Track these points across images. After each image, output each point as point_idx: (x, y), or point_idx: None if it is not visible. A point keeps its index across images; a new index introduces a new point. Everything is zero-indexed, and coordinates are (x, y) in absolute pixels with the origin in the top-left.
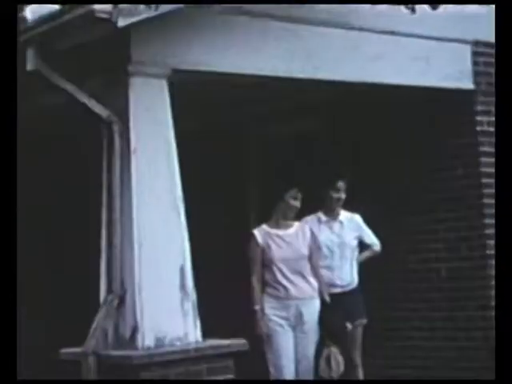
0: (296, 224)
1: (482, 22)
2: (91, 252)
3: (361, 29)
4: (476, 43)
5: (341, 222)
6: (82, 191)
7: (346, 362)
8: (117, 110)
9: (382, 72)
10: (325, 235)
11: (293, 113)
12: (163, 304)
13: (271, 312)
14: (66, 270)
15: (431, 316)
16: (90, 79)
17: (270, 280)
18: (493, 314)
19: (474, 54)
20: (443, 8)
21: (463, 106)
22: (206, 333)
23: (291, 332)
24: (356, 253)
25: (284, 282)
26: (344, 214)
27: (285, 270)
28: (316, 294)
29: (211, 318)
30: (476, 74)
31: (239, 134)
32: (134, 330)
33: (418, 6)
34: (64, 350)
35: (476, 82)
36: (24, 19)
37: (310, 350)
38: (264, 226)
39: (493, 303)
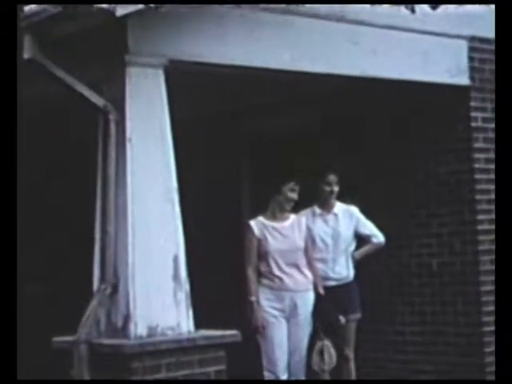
0: (292, 216)
1: (478, 18)
2: (85, 240)
3: (359, 23)
4: (472, 39)
5: (335, 215)
6: (77, 179)
7: (338, 355)
8: (113, 100)
9: (380, 66)
10: (319, 228)
11: (287, 106)
12: (156, 293)
13: (266, 303)
14: (61, 258)
15: (422, 311)
16: (86, 68)
17: (266, 271)
18: (482, 309)
19: (470, 49)
20: (443, 6)
21: (458, 102)
22: (199, 323)
23: (285, 324)
24: (353, 246)
25: (279, 273)
26: (340, 207)
27: (280, 261)
28: (311, 287)
29: (204, 308)
30: (471, 70)
31: (234, 126)
32: (127, 318)
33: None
34: (56, 339)
35: (471, 78)
36: (21, 8)
37: (304, 342)
38: (260, 218)
39: (483, 299)
